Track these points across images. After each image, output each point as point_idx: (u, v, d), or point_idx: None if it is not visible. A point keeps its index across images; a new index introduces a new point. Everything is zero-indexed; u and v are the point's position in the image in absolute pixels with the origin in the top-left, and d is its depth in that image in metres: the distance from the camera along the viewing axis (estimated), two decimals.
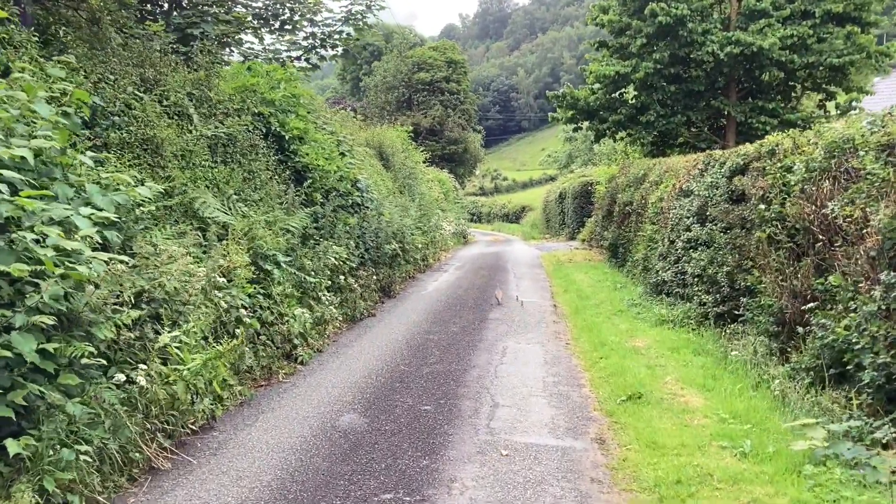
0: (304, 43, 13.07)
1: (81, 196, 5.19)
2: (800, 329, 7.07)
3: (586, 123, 19.87)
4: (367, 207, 12.93)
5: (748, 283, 8.44)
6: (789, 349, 7.37)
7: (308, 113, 12.11)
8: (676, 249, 10.88)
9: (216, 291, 7.05)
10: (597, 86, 18.95)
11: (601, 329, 10.10)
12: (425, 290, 14.70)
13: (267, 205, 9.10)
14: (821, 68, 16.88)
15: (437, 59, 44.60)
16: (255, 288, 7.70)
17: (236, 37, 14.00)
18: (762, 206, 8.35)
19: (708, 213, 10.26)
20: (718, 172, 10.35)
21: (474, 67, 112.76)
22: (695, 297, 10.00)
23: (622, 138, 20.69)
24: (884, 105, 9.02)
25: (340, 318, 10.52)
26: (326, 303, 10.18)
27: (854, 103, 16.93)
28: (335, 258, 10.56)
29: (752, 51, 16.33)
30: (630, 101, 18.97)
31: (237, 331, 7.15)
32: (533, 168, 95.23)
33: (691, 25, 16.73)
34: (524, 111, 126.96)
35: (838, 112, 17.12)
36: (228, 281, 7.35)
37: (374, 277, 12.64)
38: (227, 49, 13.50)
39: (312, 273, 9.73)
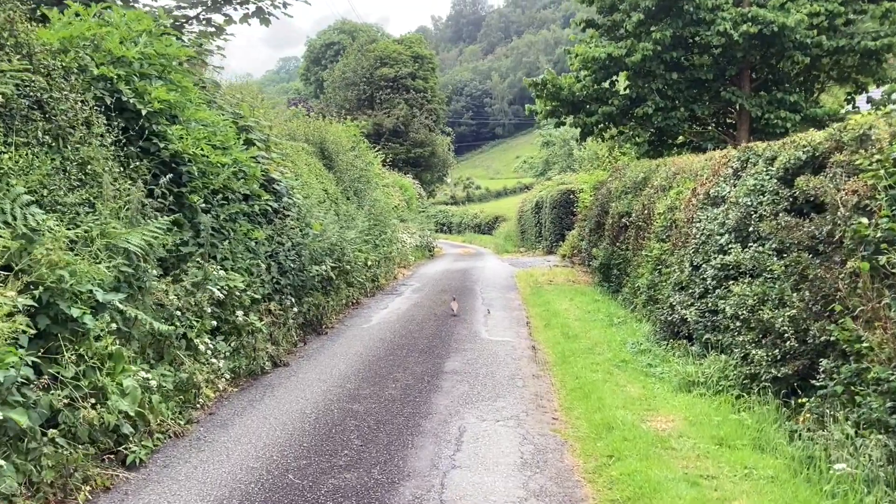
0: None
1: None
2: None
3: (570, 118, 16.67)
4: (287, 215, 9.76)
5: (834, 338, 5.45)
6: None
7: (203, 88, 8.96)
8: (704, 278, 7.86)
9: None
10: (583, 72, 15.82)
11: (602, 394, 7.02)
12: (368, 322, 11.53)
13: (97, 211, 5.90)
14: (851, 54, 14.05)
15: (401, 54, 40.93)
16: (24, 353, 4.48)
17: None
18: (863, 221, 5.36)
19: (751, 230, 7.28)
20: (765, 172, 7.38)
21: (447, 71, 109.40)
22: (736, 349, 6.99)
23: (612, 136, 17.60)
24: None
25: (229, 375, 7.34)
26: (208, 354, 7.01)
27: (894, 95, 14.05)
28: (224, 288, 7.38)
29: (773, 30, 13.41)
30: (623, 92, 15.90)
31: None
32: (507, 176, 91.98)
33: None
34: (498, 117, 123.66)
35: (872, 107, 14.24)
36: None
37: (295, 310, 9.44)
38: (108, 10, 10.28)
39: (179, 313, 6.55)
